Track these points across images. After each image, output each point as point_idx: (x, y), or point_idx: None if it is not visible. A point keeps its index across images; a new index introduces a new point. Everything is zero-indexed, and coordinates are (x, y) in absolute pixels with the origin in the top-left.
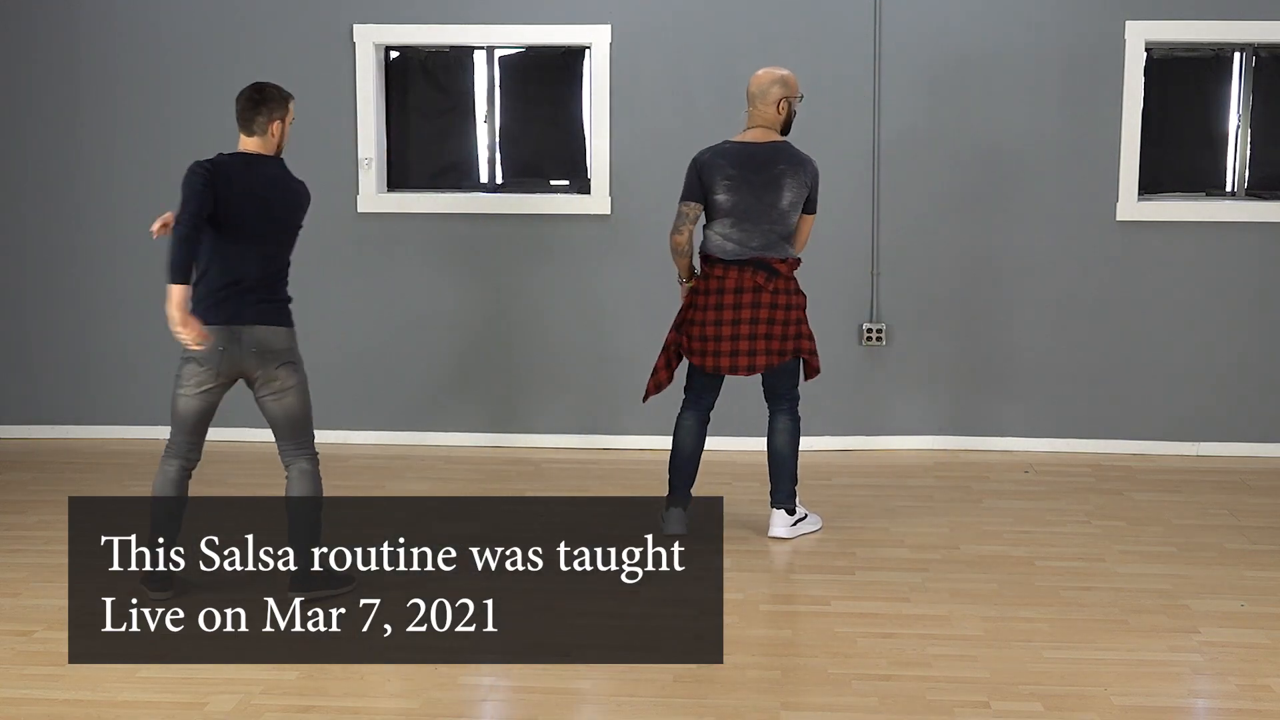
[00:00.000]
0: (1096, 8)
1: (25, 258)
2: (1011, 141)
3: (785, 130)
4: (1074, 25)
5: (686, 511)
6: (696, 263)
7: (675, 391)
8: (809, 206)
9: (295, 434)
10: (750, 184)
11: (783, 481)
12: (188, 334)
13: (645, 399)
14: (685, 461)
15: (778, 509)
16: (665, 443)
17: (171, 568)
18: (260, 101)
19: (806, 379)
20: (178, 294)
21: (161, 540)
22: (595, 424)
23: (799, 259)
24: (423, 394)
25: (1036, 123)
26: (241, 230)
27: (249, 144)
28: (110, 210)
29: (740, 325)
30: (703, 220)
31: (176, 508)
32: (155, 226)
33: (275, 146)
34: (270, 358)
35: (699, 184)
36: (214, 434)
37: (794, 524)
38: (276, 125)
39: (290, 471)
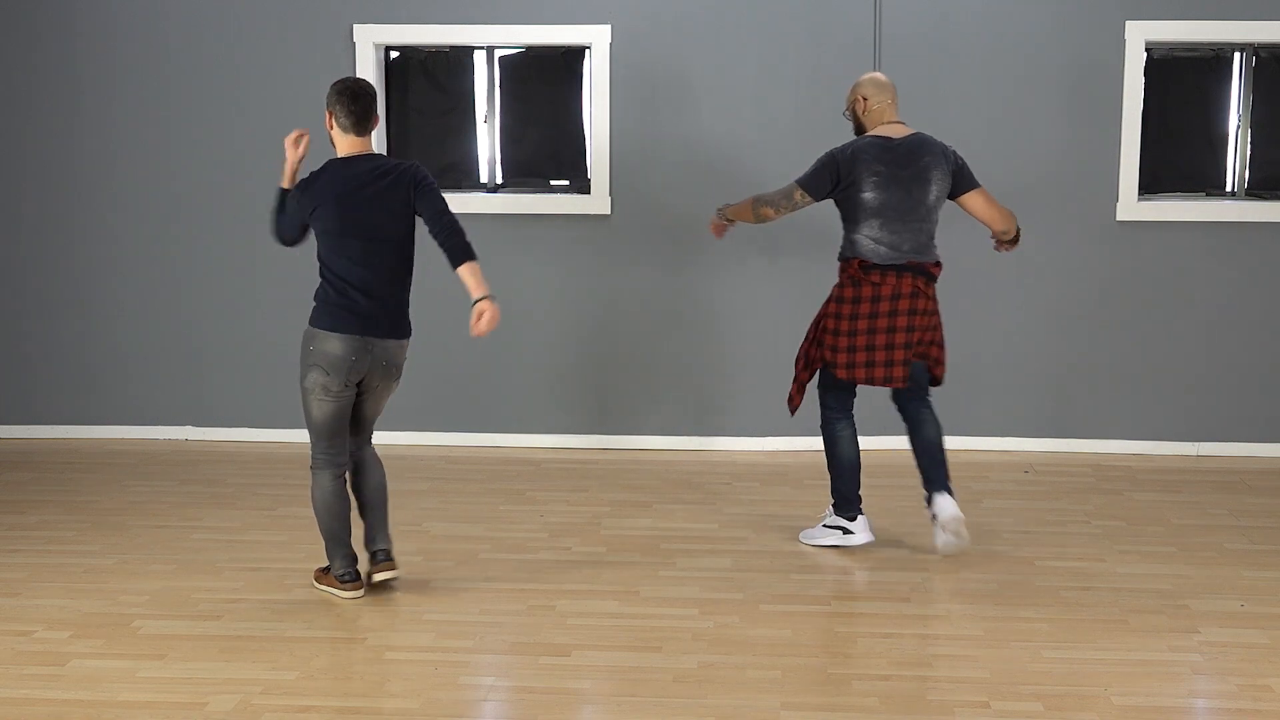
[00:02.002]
0: (1096, 8)
1: (25, 258)
2: (1011, 141)
3: (859, 131)
4: (1074, 25)
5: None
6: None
7: (666, 392)
8: (967, 184)
9: (371, 429)
10: (898, 180)
11: (943, 468)
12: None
13: (793, 414)
14: (855, 469)
15: (941, 492)
16: (665, 443)
17: (357, 568)
18: (374, 96)
19: (931, 386)
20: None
21: (339, 546)
22: (595, 424)
23: (940, 264)
24: (422, 394)
25: (1036, 123)
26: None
27: (359, 144)
28: (110, 210)
29: (896, 334)
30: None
31: (343, 512)
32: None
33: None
34: (394, 372)
35: (830, 180)
36: (214, 434)
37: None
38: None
39: (363, 457)
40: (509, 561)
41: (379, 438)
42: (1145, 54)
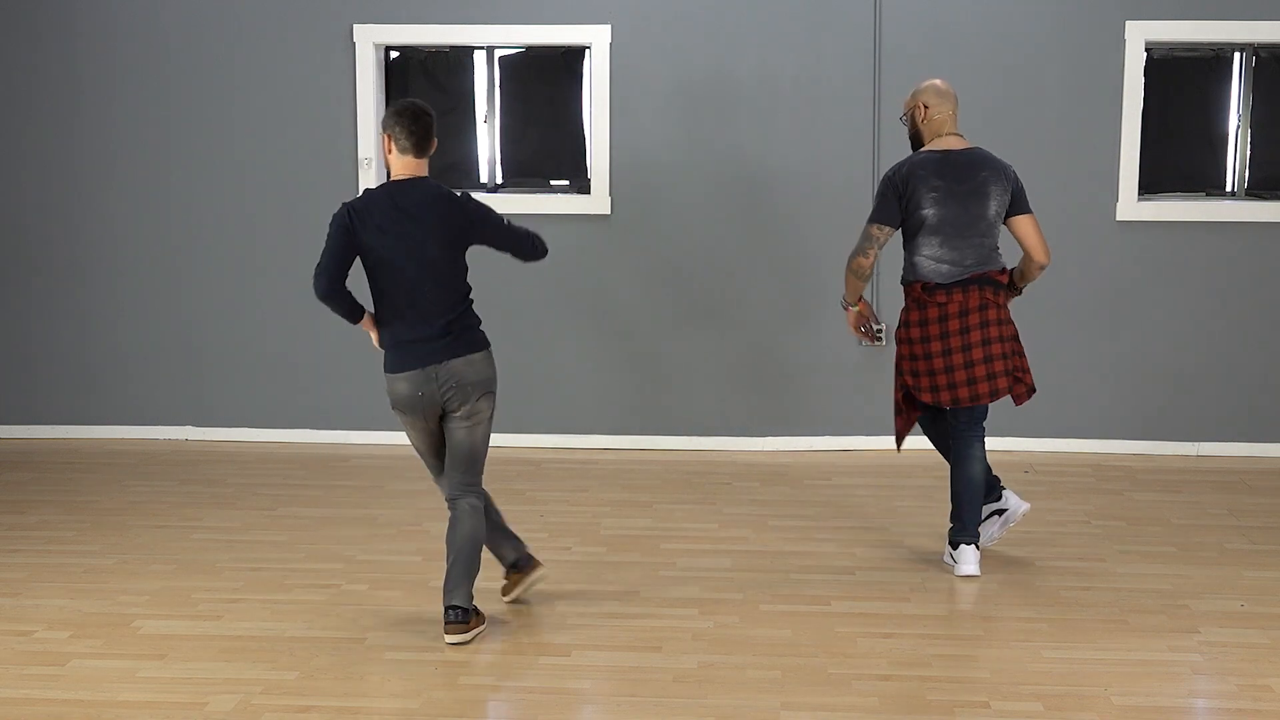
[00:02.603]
0: (1096, 8)
1: (25, 258)
2: (1011, 141)
3: (915, 144)
4: (1074, 25)
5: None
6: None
7: (666, 393)
8: (1020, 207)
9: (472, 467)
10: (956, 195)
11: (978, 512)
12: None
13: (899, 449)
14: (981, 490)
15: (970, 545)
16: (664, 443)
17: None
18: (434, 117)
19: (1024, 400)
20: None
21: (505, 539)
22: (595, 424)
23: (1023, 275)
24: None
25: (1036, 123)
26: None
27: (415, 166)
28: (110, 210)
29: (972, 350)
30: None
31: (494, 522)
32: None
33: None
34: (472, 389)
35: (898, 205)
36: (214, 434)
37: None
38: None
39: (458, 508)
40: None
41: (382, 437)
42: (1145, 54)
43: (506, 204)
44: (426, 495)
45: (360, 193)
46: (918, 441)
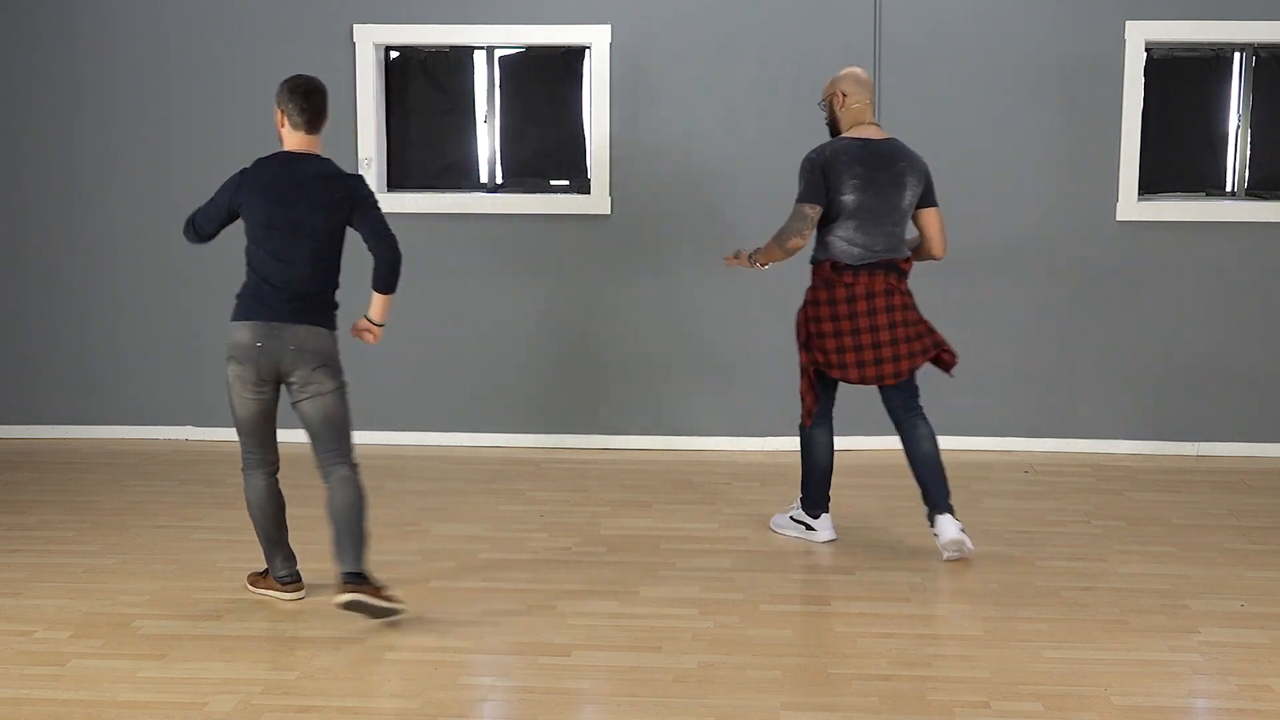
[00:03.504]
0: (1096, 8)
1: (25, 258)
2: (1011, 141)
3: (833, 130)
4: (1074, 25)
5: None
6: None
7: (666, 393)
8: (930, 200)
9: (335, 438)
10: (876, 183)
11: (943, 484)
12: None
13: (809, 424)
14: (828, 473)
15: (945, 513)
16: (665, 443)
17: (292, 569)
18: (326, 93)
19: (951, 370)
20: None
21: (277, 547)
22: (595, 424)
23: (911, 259)
24: (422, 394)
25: (1036, 123)
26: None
27: (307, 142)
28: (110, 210)
29: (880, 332)
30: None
31: (277, 512)
32: None
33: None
34: (309, 358)
35: (823, 184)
36: (214, 434)
37: (961, 529)
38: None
39: (331, 479)
40: (509, 561)
41: (382, 437)
42: (1145, 54)
43: (506, 204)
44: (426, 495)
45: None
46: None
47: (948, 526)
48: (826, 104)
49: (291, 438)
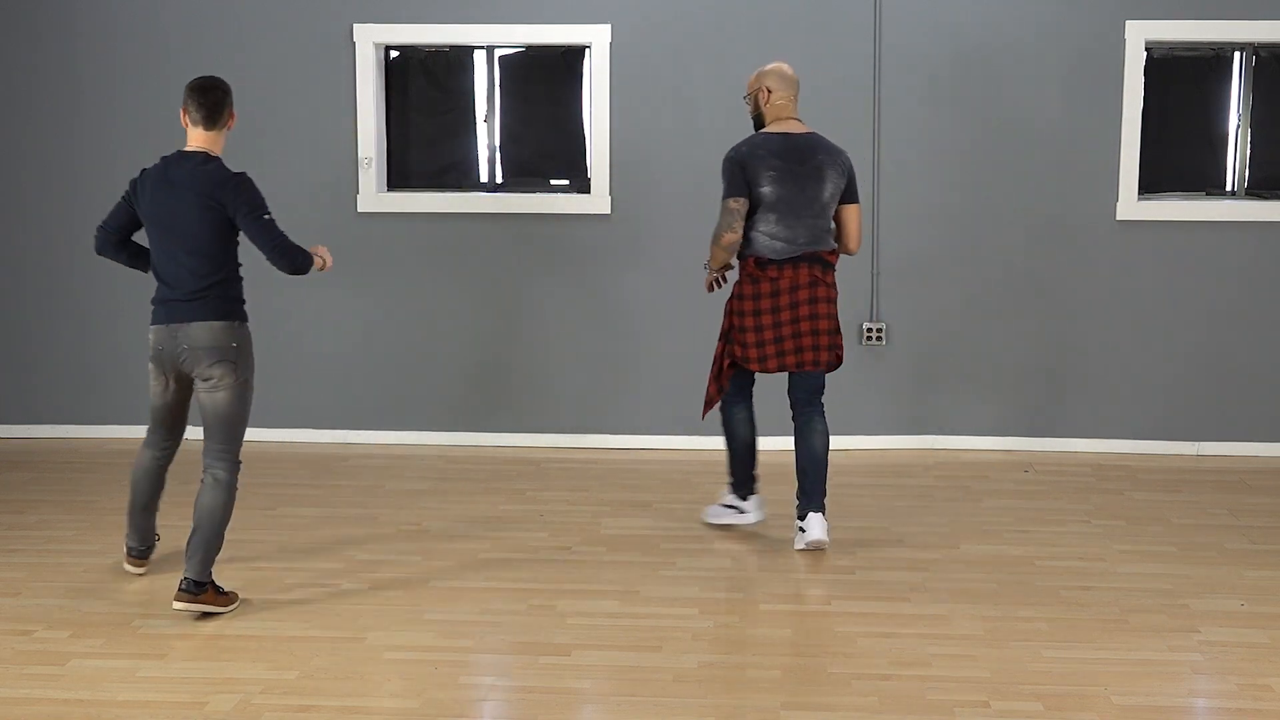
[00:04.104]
0: (1096, 8)
1: (25, 258)
2: (1011, 141)
3: (757, 125)
4: (1074, 25)
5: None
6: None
7: (666, 392)
8: (851, 195)
9: (221, 435)
10: (794, 176)
11: (822, 484)
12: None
13: (704, 415)
14: (749, 451)
15: (817, 512)
16: (665, 443)
17: (140, 545)
18: (226, 91)
19: (833, 369)
20: None
21: (134, 520)
22: (595, 424)
23: (837, 251)
24: (422, 394)
25: (1037, 123)
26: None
27: (206, 139)
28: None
29: (800, 323)
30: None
31: (150, 491)
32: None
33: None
34: (204, 355)
35: (743, 179)
36: None
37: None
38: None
39: (205, 477)
40: (509, 561)
41: (382, 437)
42: (1145, 54)
43: (506, 204)
44: (426, 495)
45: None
46: (919, 442)
47: (816, 526)
48: (751, 99)
49: (294, 437)
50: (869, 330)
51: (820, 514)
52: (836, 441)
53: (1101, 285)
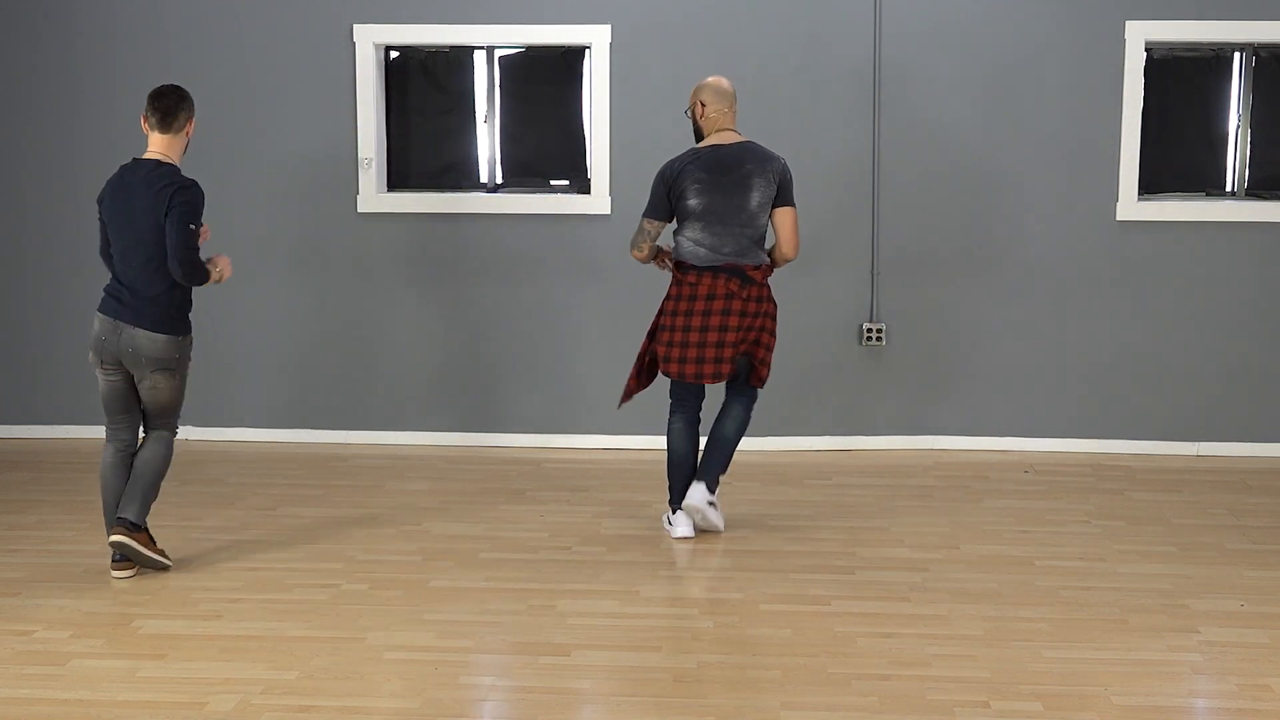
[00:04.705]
0: (1096, 8)
1: (25, 258)
2: (1011, 141)
3: (698, 137)
4: (1074, 25)
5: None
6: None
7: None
8: (782, 200)
9: (162, 416)
10: (720, 186)
11: (717, 462)
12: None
13: (620, 405)
14: (681, 464)
15: (701, 481)
16: (664, 443)
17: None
18: (183, 98)
19: (749, 384)
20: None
21: (109, 517)
22: (595, 424)
23: (772, 265)
24: (423, 394)
25: (1036, 122)
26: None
27: (162, 143)
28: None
29: (709, 333)
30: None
31: (120, 486)
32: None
33: (183, 147)
34: (145, 362)
35: (665, 198)
36: (215, 434)
37: (709, 503)
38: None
39: (148, 437)
40: (509, 561)
41: (382, 437)
42: (1145, 54)
43: (506, 204)
44: (426, 495)
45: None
46: (918, 442)
47: (696, 493)
48: (690, 113)
49: (294, 438)
50: (869, 330)
51: (703, 483)
52: (836, 442)
53: (1101, 285)
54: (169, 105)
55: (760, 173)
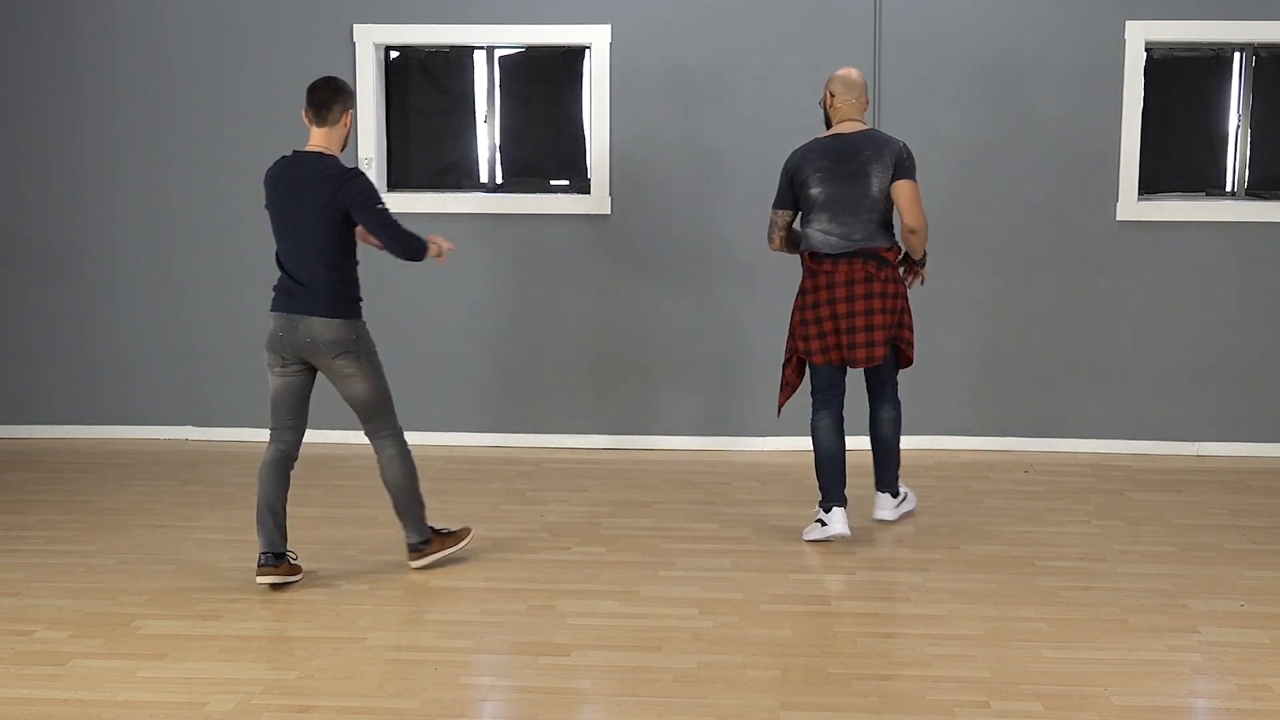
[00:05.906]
0: (1096, 8)
1: (25, 258)
2: (1011, 141)
3: (828, 126)
4: (1074, 25)
5: (846, 510)
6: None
7: (666, 392)
8: (899, 175)
9: (368, 417)
10: (840, 174)
11: (889, 468)
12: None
13: (779, 411)
14: (833, 461)
15: (884, 492)
16: (665, 443)
17: (276, 552)
18: (337, 90)
19: (900, 368)
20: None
21: (261, 527)
22: (595, 424)
23: (896, 247)
24: (423, 394)
25: (1036, 123)
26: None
27: (320, 136)
28: (110, 210)
29: (855, 317)
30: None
31: (272, 491)
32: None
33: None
34: (325, 348)
35: (789, 188)
36: (214, 434)
37: (897, 505)
38: (348, 116)
39: (379, 458)
40: (509, 561)
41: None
42: (1145, 54)
43: (506, 204)
44: (427, 495)
45: None
46: (918, 442)
47: (883, 506)
48: (821, 103)
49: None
50: None
51: (887, 494)
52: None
53: (1101, 285)
54: (322, 98)
55: (878, 158)
